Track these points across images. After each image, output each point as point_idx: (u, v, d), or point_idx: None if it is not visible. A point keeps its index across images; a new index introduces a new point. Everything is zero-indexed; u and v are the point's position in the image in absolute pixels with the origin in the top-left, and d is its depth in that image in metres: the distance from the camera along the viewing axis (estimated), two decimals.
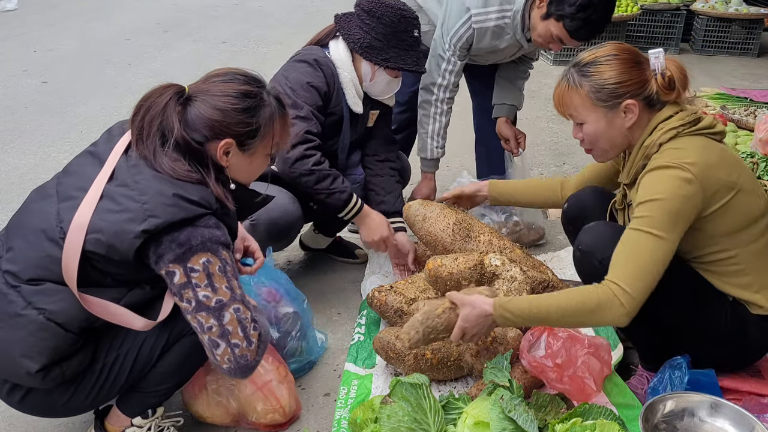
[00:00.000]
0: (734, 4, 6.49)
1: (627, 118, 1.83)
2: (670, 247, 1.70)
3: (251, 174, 1.80)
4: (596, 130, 1.87)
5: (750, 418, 1.72)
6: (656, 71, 1.81)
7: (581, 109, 1.87)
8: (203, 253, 1.56)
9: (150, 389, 1.76)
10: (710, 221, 1.77)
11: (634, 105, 1.81)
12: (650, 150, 1.81)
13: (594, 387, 1.93)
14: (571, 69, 1.88)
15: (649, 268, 1.68)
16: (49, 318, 1.55)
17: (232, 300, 1.60)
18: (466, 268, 2.19)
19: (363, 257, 2.91)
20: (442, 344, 2.12)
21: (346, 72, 2.47)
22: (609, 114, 1.84)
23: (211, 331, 1.58)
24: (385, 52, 2.42)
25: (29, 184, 3.66)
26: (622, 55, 1.83)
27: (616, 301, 1.67)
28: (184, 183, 1.58)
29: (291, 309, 2.14)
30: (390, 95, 2.63)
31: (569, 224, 2.22)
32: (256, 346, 1.63)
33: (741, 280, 1.83)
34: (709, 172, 1.73)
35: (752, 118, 4.41)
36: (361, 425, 1.84)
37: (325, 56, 2.46)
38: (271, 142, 1.75)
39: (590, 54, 1.86)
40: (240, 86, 1.67)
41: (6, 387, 1.65)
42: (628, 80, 1.80)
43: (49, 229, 1.59)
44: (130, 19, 8.06)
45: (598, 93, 1.82)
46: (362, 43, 2.42)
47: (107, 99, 5.19)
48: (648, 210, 1.71)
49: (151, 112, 1.63)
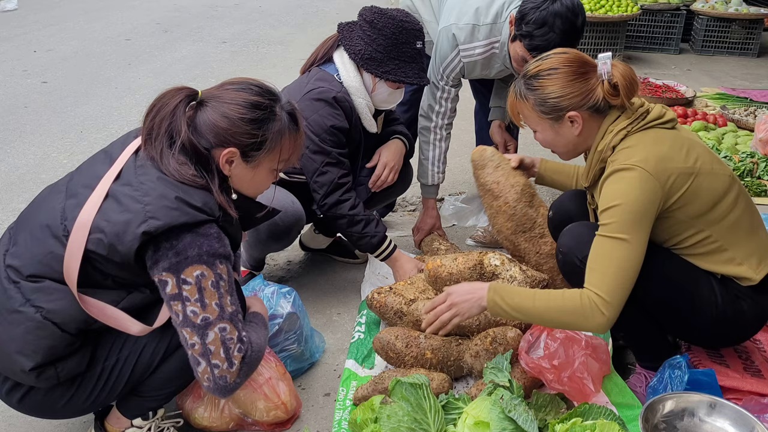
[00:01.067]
0: (734, 4, 6.49)
1: (573, 127, 1.87)
2: (640, 247, 1.74)
3: (254, 187, 1.77)
4: (547, 138, 1.94)
5: (750, 418, 1.72)
6: (603, 77, 1.82)
7: (530, 120, 1.93)
8: (198, 266, 1.54)
9: (150, 394, 1.76)
10: (676, 209, 1.80)
11: (578, 116, 1.84)
12: (604, 154, 1.85)
13: (593, 387, 1.93)
14: (519, 80, 1.92)
15: (622, 273, 1.73)
16: (46, 317, 1.55)
17: (219, 318, 1.57)
18: (465, 268, 2.19)
19: (363, 257, 2.91)
20: (442, 344, 2.12)
21: (360, 99, 2.45)
22: (555, 125, 1.88)
23: (193, 348, 1.57)
24: (386, 65, 2.40)
25: (29, 184, 3.67)
26: (564, 68, 1.84)
27: (596, 310, 1.71)
28: (187, 187, 1.57)
29: (290, 309, 2.14)
30: (392, 106, 2.62)
31: (555, 230, 2.22)
32: (238, 369, 1.60)
33: (722, 256, 1.85)
34: (664, 165, 1.76)
35: (752, 118, 4.41)
36: (361, 425, 1.84)
37: (340, 90, 2.41)
38: (278, 157, 1.72)
39: (535, 66, 1.88)
40: (251, 96, 1.65)
41: (6, 386, 1.65)
42: (570, 94, 1.83)
43: (54, 225, 1.59)
44: (130, 19, 8.07)
45: (542, 107, 1.86)
46: (363, 54, 2.40)
47: (107, 99, 5.19)
48: (611, 216, 1.74)
49: (162, 112, 1.62)
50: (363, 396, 2.01)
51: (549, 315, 1.78)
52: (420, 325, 2.19)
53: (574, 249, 1.91)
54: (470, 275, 2.19)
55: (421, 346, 2.10)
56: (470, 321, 2.16)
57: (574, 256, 1.91)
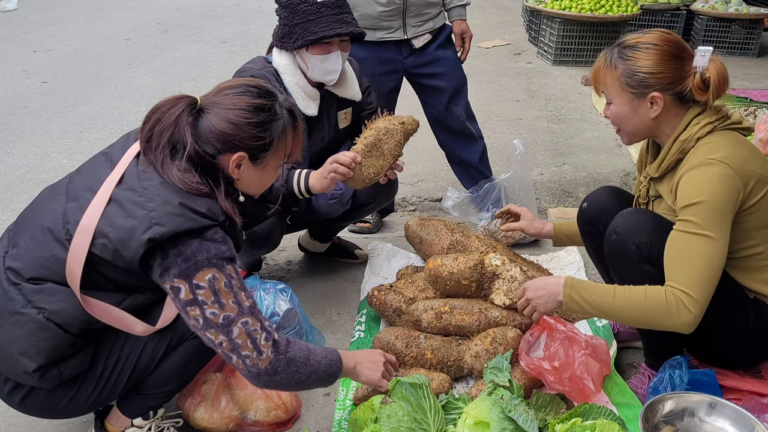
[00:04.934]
0: (734, 4, 6.49)
1: (652, 109, 1.83)
2: (724, 244, 1.72)
3: (261, 186, 1.78)
4: (620, 113, 1.87)
5: (750, 418, 1.72)
6: (697, 69, 1.79)
7: (611, 89, 1.87)
8: (209, 269, 1.55)
9: (151, 392, 1.76)
10: (748, 214, 1.77)
11: (660, 99, 1.80)
12: (687, 144, 1.81)
13: (593, 387, 1.93)
14: (614, 47, 1.87)
15: (710, 271, 1.70)
16: (48, 318, 1.55)
17: (240, 314, 1.57)
18: (466, 268, 2.19)
19: (363, 257, 2.91)
20: (442, 344, 2.12)
21: (289, 77, 2.36)
22: (635, 101, 1.83)
23: (222, 347, 1.58)
24: (294, 33, 2.31)
25: (29, 184, 3.67)
26: (663, 46, 1.80)
27: (683, 308, 1.68)
28: (191, 193, 1.57)
29: (288, 306, 2.14)
30: (333, 76, 2.40)
31: (588, 224, 2.16)
32: (269, 356, 1.59)
33: (765, 275, 1.84)
34: (746, 166, 1.74)
35: (752, 118, 4.41)
36: (361, 425, 1.84)
37: (263, 68, 2.35)
38: (284, 153, 1.74)
39: (635, 37, 1.84)
40: (253, 100, 1.65)
41: (7, 387, 1.65)
42: (660, 73, 1.79)
43: (56, 229, 1.58)
44: (130, 19, 8.07)
45: (628, 78, 1.81)
46: (277, 35, 2.37)
47: (107, 99, 5.20)
48: (696, 213, 1.71)
49: (162, 123, 1.61)
50: (363, 396, 2.01)
51: (631, 313, 1.74)
52: (420, 324, 2.20)
53: (633, 233, 1.85)
54: (471, 275, 2.19)
55: (421, 346, 2.10)
56: (470, 321, 2.16)
57: (631, 241, 1.84)
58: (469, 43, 3.22)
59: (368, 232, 3.20)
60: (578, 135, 4.55)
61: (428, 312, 2.19)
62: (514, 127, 4.68)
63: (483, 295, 2.25)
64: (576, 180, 3.84)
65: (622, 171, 3.93)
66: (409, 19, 2.95)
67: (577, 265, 2.79)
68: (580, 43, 6.18)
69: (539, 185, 3.70)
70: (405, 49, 3.02)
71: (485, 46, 6.99)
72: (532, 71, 6.13)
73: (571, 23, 6.05)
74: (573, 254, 2.88)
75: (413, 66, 3.07)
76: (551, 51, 6.27)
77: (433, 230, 2.59)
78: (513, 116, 4.92)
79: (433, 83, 3.11)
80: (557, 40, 6.16)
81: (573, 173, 3.93)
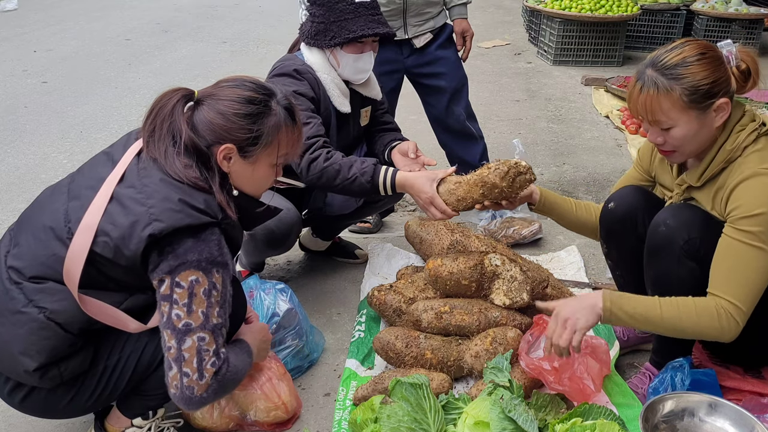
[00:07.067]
0: (734, 4, 6.48)
1: (718, 117, 1.77)
2: None
3: (256, 183, 1.77)
4: (687, 133, 1.78)
5: (750, 418, 1.72)
6: (731, 64, 1.77)
7: (672, 113, 1.77)
8: (195, 271, 1.54)
9: (151, 392, 1.76)
10: None
11: (727, 103, 1.76)
12: (733, 154, 1.78)
13: (593, 387, 1.93)
14: (653, 73, 1.77)
15: (760, 284, 1.70)
16: (49, 317, 1.55)
17: (201, 327, 1.55)
18: (466, 268, 2.19)
19: (363, 257, 2.91)
20: (442, 344, 2.12)
21: (325, 74, 2.39)
22: (701, 116, 1.77)
23: (169, 352, 1.56)
24: (330, 31, 2.32)
25: (29, 184, 3.67)
26: (708, 53, 1.76)
27: (732, 320, 1.69)
28: (190, 189, 1.58)
29: (288, 305, 2.14)
30: (364, 75, 2.46)
31: (616, 223, 2.08)
32: (207, 383, 1.55)
33: None
34: None
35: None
36: (361, 425, 1.85)
37: (303, 64, 2.39)
38: (276, 152, 1.72)
39: (672, 55, 1.77)
40: (245, 92, 1.66)
41: (7, 387, 1.65)
42: (720, 78, 1.75)
43: (58, 227, 1.59)
44: (130, 19, 8.08)
45: (693, 95, 1.74)
46: (309, 33, 2.37)
47: (107, 99, 5.20)
48: (757, 223, 1.69)
49: (162, 113, 1.64)
50: (363, 396, 2.01)
51: (678, 325, 1.73)
52: (420, 324, 2.20)
53: (682, 228, 1.81)
54: (471, 275, 2.19)
55: (421, 346, 2.10)
56: (470, 321, 2.16)
57: (680, 235, 1.81)
58: (470, 41, 3.22)
59: (368, 232, 3.20)
60: (578, 135, 4.55)
61: (428, 312, 2.19)
62: (514, 127, 4.68)
63: (483, 295, 2.24)
64: (576, 180, 3.84)
65: (622, 171, 3.93)
66: (410, 18, 2.96)
67: (577, 265, 2.79)
68: (580, 43, 6.18)
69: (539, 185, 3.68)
70: (406, 48, 3.03)
71: (485, 46, 6.99)
72: (532, 71, 6.13)
73: (571, 23, 6.05)
74: (573, 254, 2.88)
75: (414, 66, 3.07)
76: (551, 51, 6.27)
77: (433, 230, 2.60)
78: (513, 116, 4.92)
79: (434, 83, 3.12)
80: (557, 40, 6.16)
81: (573, 173, 3.94)
